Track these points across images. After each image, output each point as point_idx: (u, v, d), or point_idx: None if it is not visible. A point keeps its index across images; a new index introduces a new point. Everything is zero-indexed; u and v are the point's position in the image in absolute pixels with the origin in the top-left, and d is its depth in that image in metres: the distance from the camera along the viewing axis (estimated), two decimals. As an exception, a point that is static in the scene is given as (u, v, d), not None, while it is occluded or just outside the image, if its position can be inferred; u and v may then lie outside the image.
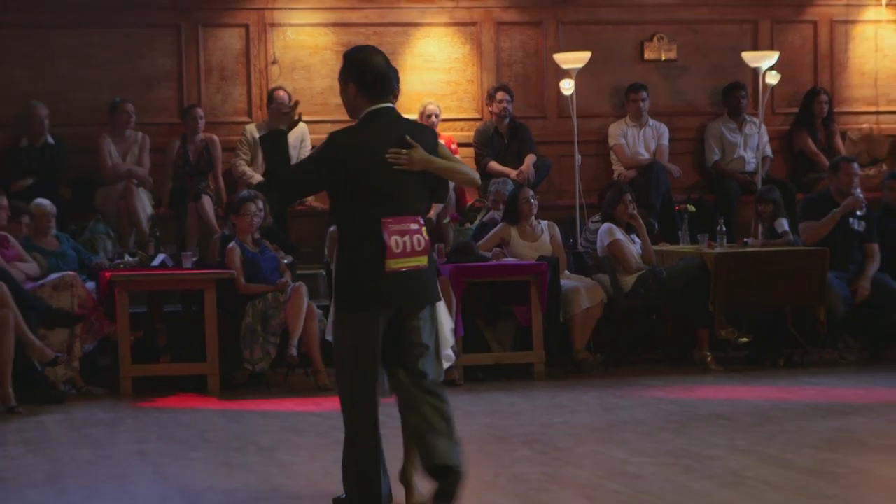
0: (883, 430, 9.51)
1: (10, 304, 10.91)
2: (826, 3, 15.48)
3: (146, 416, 10.63)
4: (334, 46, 14.58)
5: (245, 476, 8.20)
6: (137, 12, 14.29)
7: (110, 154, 13.76)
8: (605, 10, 15.11)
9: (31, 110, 13.63)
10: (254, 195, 12.44)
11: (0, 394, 10.84)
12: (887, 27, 15.58)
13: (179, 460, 8.76)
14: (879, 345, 13.10)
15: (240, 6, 14.47)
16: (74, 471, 8.50)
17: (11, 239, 11.97)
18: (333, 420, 10.19)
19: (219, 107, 14.43)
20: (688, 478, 7.84)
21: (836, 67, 15.53)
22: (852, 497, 7.40)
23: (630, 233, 12.86)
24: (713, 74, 15.19)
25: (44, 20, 14.09)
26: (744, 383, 11.68)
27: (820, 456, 8.46)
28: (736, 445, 8.80)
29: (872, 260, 12.83)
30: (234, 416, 10.58)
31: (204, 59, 14.42)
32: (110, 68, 14.19)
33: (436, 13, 14.70)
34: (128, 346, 11.75)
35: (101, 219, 13.31)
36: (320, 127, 14.30)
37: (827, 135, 15.07)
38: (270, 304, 11.89)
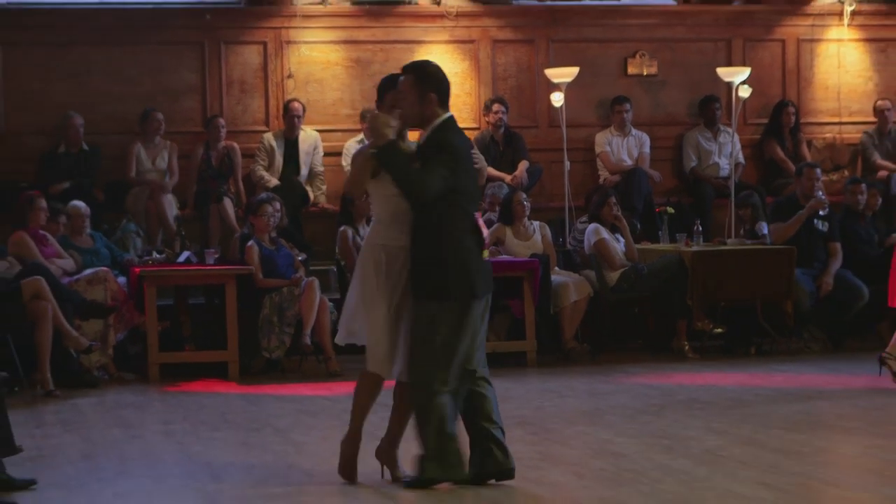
0: (845, 413, 9.51)
1: (49, 297, 10.91)
2: (793, 24, 15.47)
3: (172, 400, 10.63)
4: (344, 62, 14.58)
5: (262, 454, 8.19)
6: (165, 31, 14.29)
7: (140, 159, 13.76)
8: (591, 29, 15.10)
9: (67, 120, 13.63)
10: (271, 198, 12.45)
11: (39, 379, 10.85)
12: (849, 45, 15.57)
13: (202, 440, 8.75)
14: (841, 335, 13.11)
15: (258, 25, 14.46)
16: (106, 449, 8.50)
17: (50, 237, 11.98)
18: (344, 403, 10.17)
19: (239, 117, 14.42)
20: (667, 457, 7.84)
21: (803, 82, 15.52)
22: (817, 474, 7.40)
23: (614, 232, 12.87)
24: (690, 88, 15.18)
25: (80, 38, 14.09)
26: (718, 370, 11.68)
27: (787, 436, 8.46)
28: (711, 427, 8.80)
29: (835, 258, 12.85)
30: (253, 399, 10.58)
31: (225, 74, 14.41)
32: (140, 82, 14.19)
33: (437, 31, 14.69)
34: (156, 336, 11.75)
35: (131, 219, 13.31)
36: (331, 135, 14.35)
37: (794, 143, 15.06)
38: (286, 298, 11.88)
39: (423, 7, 14.70)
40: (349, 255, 12.40)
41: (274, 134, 14.17)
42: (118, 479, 7.54)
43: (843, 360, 12.28)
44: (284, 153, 14.08)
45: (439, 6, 14.67)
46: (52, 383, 10.84)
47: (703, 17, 15.29)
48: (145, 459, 8.12)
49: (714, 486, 7.02)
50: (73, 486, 7.36)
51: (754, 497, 6.74)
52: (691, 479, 7.20)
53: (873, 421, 9.17)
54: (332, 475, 7.52)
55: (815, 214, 12.79)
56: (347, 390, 10.77)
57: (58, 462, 8.06)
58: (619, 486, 7.06)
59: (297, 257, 12.44)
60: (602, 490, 6.94)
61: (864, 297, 12.76)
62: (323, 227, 13.62)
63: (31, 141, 13.86)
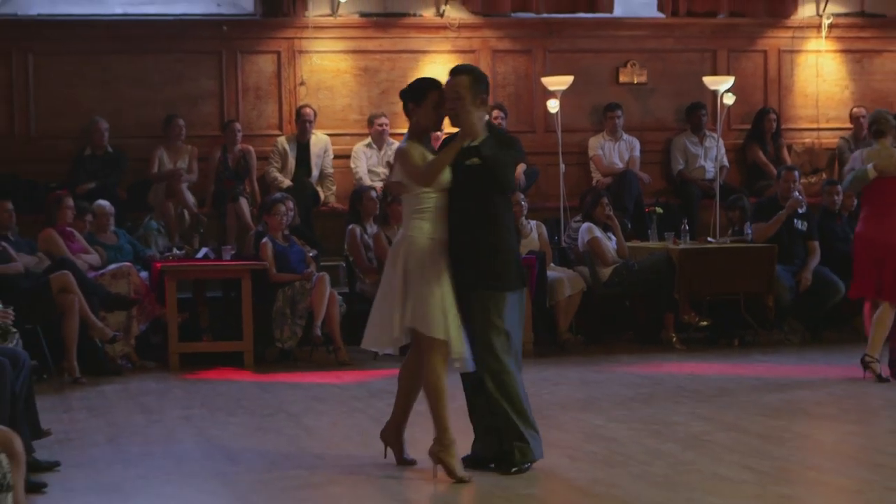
0: (823, 401, 9.50)
1: (76, 290, 10.91)
2: (774, 35, 15.45)
3: (191, 387, 10.62)
4: (353, 70, 14.57)
5: (276, 438, 8.19)
6: (185, 41, 14.29)
7: (162, 161, 13.76)
8: (585, 40, 15.08)
9: (94, 124, 13.63)
10: (284, 197, 12.43)
11: (67, 367, 10.86)
12: (826, 56, 15.55)
13: (219, 424, 8.75)
14: (819, 327, 13.09)
15: (272, 35, 14.45)
16: (129, 432, 8.50)
17: (77, 234, 11.98)
18: (352, 391, 10.21)
19: (254, 122, 14.41)
20: (655, 441, 7.84)
21: (783, 90, 15.50)
22: (796, 458, 7.40)
23: (607, 231, 12.85)
24: (678, 96, 15.16)
25: (106, 48, 14.08)
26: (704, 360, 11.66)
27: (769, 423, 8.45)
28: (697, 413, 8.79)
29: (813, 255, 12.84)
30: (266, 386, 10.57)
31: (242, 81, 14.40)
32: (162, 89, 14.18)
33: (440, 42, 14.68)
34: (175, 327, 11.75)
35: (153, 217, 13.30)
36: (341, 139, 14.34)
37: (775, 148, 15.04)
38: (298, 291, 11.87)
39: (427, 19, 14.69)
40: (357, 252, 12.39)
41: (287, 138, 14.16)
42: (141, 460, 7.54)
43: (821, 351, 12.27)
44: (297, 156, 14.07)
45: (442, 18, 14.66)
46: (78, 371, 10.85)
47: (690, 30, 15.27)
48: (166, 443, 8.12)
49: (700, 468, 7.02)
50: (99, 467, 7.37)
51: (737, 479, 6.74)
52: (678, 462, 7.20)
53: (849, 408, 9.17)
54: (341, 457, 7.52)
55: (794, 214, 12.79)
56: (355, 378, 10.84)
57: (84, 445, 8.07)
58: (611, 468, 7.06)
59: (309, 253, 12.43)
60: (594, 472, 6.94)
61: (840, 291, 12.74)
62: (332, 226, 13.60)
63: (60, 144, 13.85)
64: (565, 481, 6.81)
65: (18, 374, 7.05)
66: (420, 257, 6.73)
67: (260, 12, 14.41)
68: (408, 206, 6.91)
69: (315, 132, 14.16)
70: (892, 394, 9.60)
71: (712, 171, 14.62)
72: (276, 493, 6.62)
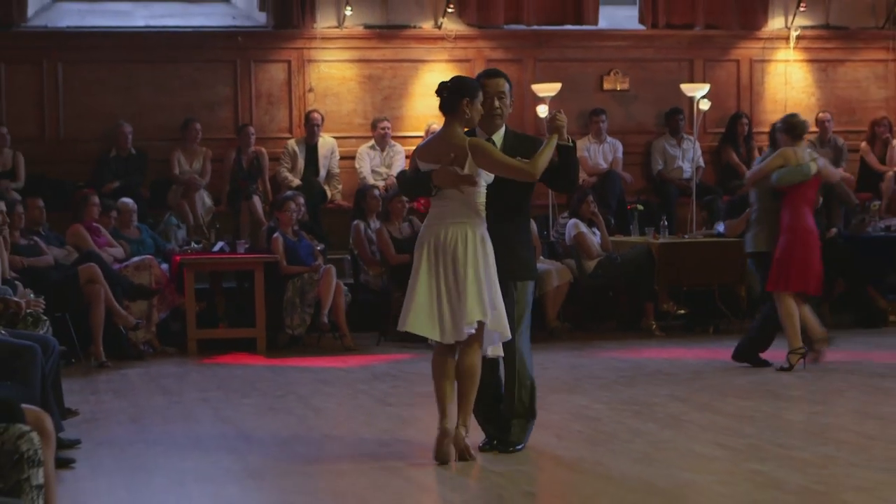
0: (790, 384, 9.50)
1: (101, 281, 10.92)
2: (746, 46, 15.45)
3: (208, 371, 10.63)
4: (358, 78, 14.56)
5: (286, 418, 8.20)
6: (203, 51, 14.27)
7: (179, 162, 13.76)
8: (572, 50, 15.08)
9: (118, 128, 13.62)
10: (294, 195, 12.44)
11: (93, 352, 10.87)
12: (794, 65, 15.55)
13: (234, 405, 8.76)
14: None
15: (283, 46, 14.43)
16: (151, 413, 8.51)
17: (102, 229, 11.98)
18: (357, 374, 10.22)
19: (266, 126, 14.40)
20: (636, 420, 7.84)
21: (755, 97, 15.49)
22: (766, 436, 7.40)
23: (591, 227, 12.85)
24: (657, 101, 15.15)
25: (129, 57, 14.07)
26: (681, 346, 11.68)
27: (740, 403, 8.46)
28: (674, 395, 8.80)
29: (781, 249, 12.82)
30: (278, 370, 10.58)
31: (255, 88, 14.38)
32: (181, 95, 14.17)
33: (438, 52, 14.67)
34: (193, 315, 11.76)
35: (172, 213, 13.30)
36: (346, 142, 14.34)
37: (747, 150, 15.03)
38: (307, 282, 11.88)
39: (426, 31, 14.68)
40: (361, 246, 12.39)
41: (296, 140, 14.15)
42: (161, 439, 7.54)
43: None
44: (305, 157, 14.07)
45: (440, 30, 14.65)
46: (104, 356, 10.86)
47: (669, 41, 15.27)
48: (185, 422, 8.12)
49: (677, 446, 7.02)
50: (123, 444, 7.37)
51: (711, 456, 6.74)
52: (657, 440, 7.20)
53: (814, 390, 9.17)
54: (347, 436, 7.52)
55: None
56: (360, 363, 10.85)
57: (109, 424, 8.07)
58: (595, 446, 7.07)
59: (317, 247, 12.44)
60: (580, 450, 6.95)
61: (807, 282, 12.73)
62: (338, 222, 13.59)
63: (87, 146, 13.83)
64: (553, 458, 6.81)
65: (48, 359, 7.06)
66: (485, 250, 6.44)
67: (272, 24, 14.40)
68: (463, 201, 6.46)
69: (322, 135, 14.15)
70: (854, 377, 9.61)
71: (689, 172, 14.62)
72: (286, 469, 6.62)
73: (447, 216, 6.49)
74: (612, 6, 15.43)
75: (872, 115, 15.44)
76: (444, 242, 6.44)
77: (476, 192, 6.47)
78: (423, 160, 6.62)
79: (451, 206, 6.48)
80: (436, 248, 6.46)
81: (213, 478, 6.43)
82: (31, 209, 11.51)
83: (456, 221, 6.45)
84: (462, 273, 6.39)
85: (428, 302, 6.45)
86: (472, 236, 6.42)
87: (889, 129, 15.23)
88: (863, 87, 15.73)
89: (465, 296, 6.37)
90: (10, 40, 13.87)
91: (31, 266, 10.86)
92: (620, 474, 6.36)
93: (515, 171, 6.48)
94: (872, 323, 13.00)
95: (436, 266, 6.45)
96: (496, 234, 6.56)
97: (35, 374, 6.76)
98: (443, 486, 6.21)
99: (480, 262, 6.41)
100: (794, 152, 9.89)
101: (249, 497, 6.09)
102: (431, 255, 6.47)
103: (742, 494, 5.91)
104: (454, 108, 6.55)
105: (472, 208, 6.47)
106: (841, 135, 15.28)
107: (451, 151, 6.47)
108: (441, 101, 6.61)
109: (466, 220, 6.45)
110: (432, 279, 6.46)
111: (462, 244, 6.41)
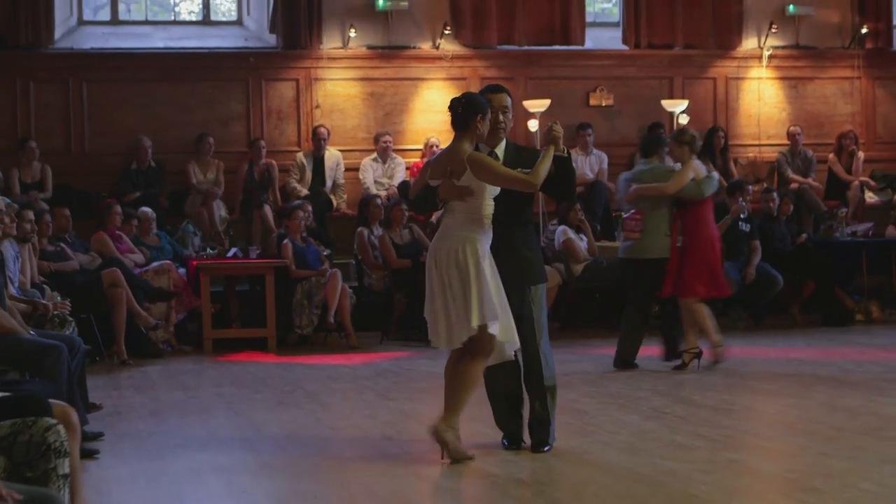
0: (765, 378, 9.50)
1: (123, 284, 10.90)
2: (722, 65, 15.46)
3: (222, 368, 10.62)
4: (361, 95, 14.57)
5: (295, 411, 8.18)
6: (217, 71, 14.28)
7: (194, 174, 13.75)
8: (560, 69, 15.08)
9: (138, 142, 13.62)
10: (302, 204, 12.43)
11: (116, 350, 10.85)
12: (767, 83, 15.56)
13: (247, 399, 8.74)
14: (761, 315, 13.11)
15: (292, 66, 14.44)
16: (170, 407, 8.49)
17: (124, 236, 11.97)
18: (361, 371, 10.21)
19: (276, 140, 14.40)
20: (621, 413, 7.83)
21: (730, 112, 15.51)
22: (742, 427, 7.39)
23: (579, 233, 12.84)
24: (640, 116, 15.16)
25: (149, 77, 14.08)
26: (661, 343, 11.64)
27: (719, 396, 8.45)
28: (657, 389, 8.79)
29: (756, 253, 12.82)
30: (287, 367, 10.56)
31: (266, 105, 14.39)
32: (197, 111, 14.18)
33: (437, 71, 14.68)
34: (209, 316, 11.75)
35: (189, 221, 13.29)
36: (351, 154, 14.34)
37: (723, 161, 15.03)
38: (314, 285, 11.86)
39: (425, 51, 14.69)
40: (365, 251, 12.39)
41: (304, 153, 14.15)
42: (179, 431, 7.53)
43: (762, 335, 12.28)
44: (313, 169, 14.07)
45: (438, 51, 14.66)
46: (125, 354, 10.84)
47: (650, 60, 15.28)
48: (201, 415, 8.11)
49: (659, 436, 7.01)
50: (143, 436, 7.35)
51: (691, 446, 6.73)
52: (641, 430, 7.19)
53: (787, 384, 9.17)
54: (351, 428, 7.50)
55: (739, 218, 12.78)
56: (363, 360, 10.84)
57: (131, 417, 8.06)
58: (583, 436, 7.05)
59: (323, 253, 12.42)
60: (569, 440, 6.93)
61: (779, 284, 12.75)
62: (344, 229, 13.59)
63: (110, 159, 13.83)
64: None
65: (74, 357, 7.05)
66: (480, 261, 6.26)
67: (281, 45, 14.40)
68: (468, 213, 6.29)
69: (328, 148, 14.15)
70: (823, 372, 9.60)
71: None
72: (294, 458, 6.61)
73: (451, 228, 6.36)
74: (597, 28, 15.45)
75: (839, 128, 15.46)
76: (445, 252, 6.31)
77: (480, 204, 6.30)
78: (432, 176, 6.46)
79: (456, 218, 6.35)
80: (437, 258, 6.34)
81: (227, 467, 6.42)
82: (59, 218, 11.50)
83: (458, 234, 6.31)
84: (458, 282, 6.25)
85: (432, 310, 6.37)
86: (471, 247, 6.26)
87: (855, 141, 15.24)
88: (830, 103, 15.74)
89: (460, 304, 6.24)
90: (39, 61, 13.87)
91: (58, 271, 10.85)
92: (607, 463, 6.35)
93: (517, 182, 6.31)
94: (840, 322, 13.00)
95: (438, 276, 6.34)
96: (505, 241, 6.45)
97: (62, 371, 6.75)
98: (440, 475, 6.19)
99: (472, 272, 6.23)
100: (696, 165, 9.84)
101: (261, 485, 6.07)
102: (433, 265, 6.36)
103: (720, 481, 5.90)
104: (467, 125, 6.35)
105: (477, 220, 6.30)
106: (810, 147, 15.28)
107: (449, 165, 6.34)
108: (453, 117, 6.39)
109: (469, 232, 6.29)
110: (436, 288, 6.34)
111: (462, 254, 6.25)
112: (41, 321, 7.78)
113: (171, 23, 14.81)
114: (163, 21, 14.81)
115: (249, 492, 5.92)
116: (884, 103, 15.85)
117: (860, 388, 8.79)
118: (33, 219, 9.43)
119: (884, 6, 15.63)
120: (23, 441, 4.45)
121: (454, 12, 14.70)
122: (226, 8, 15.07)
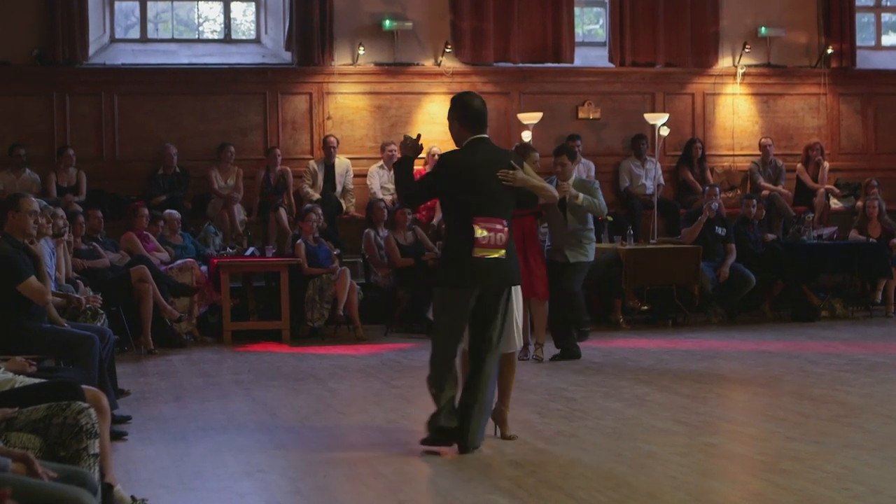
0: (737, 369, 9.51)
1: (150, 280, 10.89)
2: (700, 82, 15.44)
3: (241, 357, 10.61)
4: (369, 108, 14.55)
5: (307, 397, 8.18)
6: (238, 84, 14.26)
7: (216, 179, 13.74)
8: (551, 84, 15.06)
9: (164, 150, 13.60)
10: (314, 208, 12.43)
11: (143, 341, 10.83)
12: (741, 98, 15.55)
13: (263, 386, 8.74)
14: (735, 311, 13.09)
15: (306, 80, 14.42)
16: (192, 392, 8.49)
17: (151, 236, 11.96)
18: (368, 361, 10.20)
19: (291, 148, 14.38)
20: (606, 400, 7.83)
21: (707, 124, 15.48)
22: (717, 413, 7.39)
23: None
24: (624, 128, 15.14)
25: (176, 90, 14.05)
26: (644, 337, 11.66)
27: (695, 386, 8.45)
28: (639, 378, 8.79)
29: (730, 254, 12.83)
30: (300, 357, 10.55)
31: (281, 116, 14.37)
32: (218, 122, 14.16)
33: (438, 85, 14.66)
34: (228, 309, 11.73)
35: (211, 223, 13.28)
36: (359, 162, 14.32)
37: (701, 170, 15.03)
38: (325, 282, 11.85)
39: (428, 68, 14.67)
40: (372, 251, 12.38)
41: (316, 161, 14.14)
42: (200, 415, 7.53)
43: (736, 329, 12.27)
44: (324, 175, 14.05)
45: (439, 67, 14.64)
46: (152, 344, 10.83)
47: (634, 76, 15.26)
48: (221, 401, 8.11)
49: (641, 422, 7.01)
50: (168, 419, 7.35)
51: (671, 430, 6.73)
52: (624, 417, 7.19)
53: (758, 374, 9.17)
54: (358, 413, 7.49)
55: (716, 221, 12.80)
56: (370, 351, 10.83)
57: (156, 402, 8.05)
58: (571, 422, 7.05)
59: (334, 252, 12.41)
60: (558, 425, 6.93)
61: (752, 283, 12.75)
62: (352, 230, 13.57)
63: (138, 166, 13.81)
64: (535, 432, 6.79)
65: (104, 347, 7.05)
66: None
67: (296, 62, 14.39)
68: None
69: (339, 156, 14.13)
70: (791, 364, 9.59)
71: (651, 188, 14.61)
72: (306, 440, 6.60)
73: None
74: (585, 47, 15.43)
75: (807, 140, 15.45)
76: None
77: None
78: None
79: None
80: None
81: (245, 448, 6.42)
82: (92, 219, 11.50)
83: None
84: None
85: None
86: None
87: (821, 152, 15.24)
88: (799, 117, 15.72)
89: None
90: (74, 76, 13.86)
91: (91, 267, 10.84)
92: (593, 446, 6.35)
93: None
94: (807, 317, 12.99)
95: None
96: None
97: (93, 359, 6.75)
98: (438, 455, 6.19)
99: None
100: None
101: (275, 464, 6.07)
102: None
103: (696, 464, 5.90)
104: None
105: None
106: (780, 157, 15.27)
107: None
108: None
109: None
110: None
111: None
112: (75, 314, 7.77)
113: (196, 41, 14.79)
114: (188, 39, 14.79)
115: (265, 470, 5.92)
116: (847, 118, 15.84)
117: (825, 378, 8.79)
118: (64, 216, 9.41)
119: (848, 28, 15.62)
120: (57, 423, 4.45)
121: (455, 32, 14.69)
122: (245, 27, 15.06)
